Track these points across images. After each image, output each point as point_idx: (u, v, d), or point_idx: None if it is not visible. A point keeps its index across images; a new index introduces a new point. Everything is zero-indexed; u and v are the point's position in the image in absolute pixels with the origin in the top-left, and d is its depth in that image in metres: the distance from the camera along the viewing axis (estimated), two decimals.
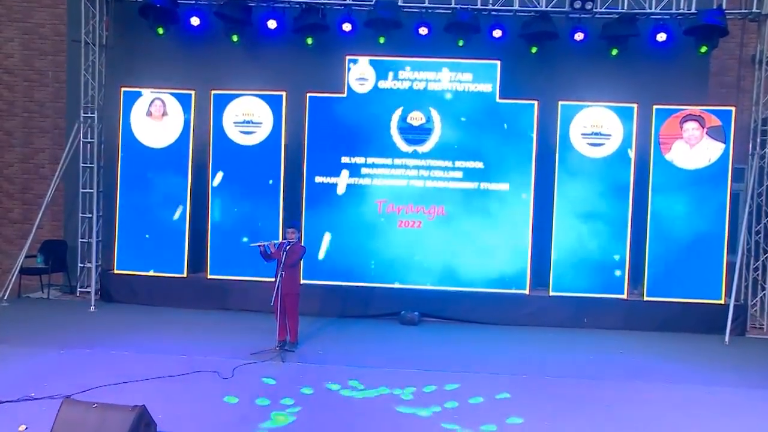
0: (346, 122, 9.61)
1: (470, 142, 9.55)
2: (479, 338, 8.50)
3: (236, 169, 9.75)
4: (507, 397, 6.19)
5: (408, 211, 9.53)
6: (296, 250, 7.58)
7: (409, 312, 9.20)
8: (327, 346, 7.82)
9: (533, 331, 8.96)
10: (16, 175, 11.59)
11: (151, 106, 9.88)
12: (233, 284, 9.61)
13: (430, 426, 5.49)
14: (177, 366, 6.61)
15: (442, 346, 8.06)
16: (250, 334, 7.97)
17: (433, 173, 9.56)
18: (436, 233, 9.52)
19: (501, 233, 9.48)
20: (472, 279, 9.48)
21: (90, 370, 6.41)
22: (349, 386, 6.35)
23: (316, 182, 9.62)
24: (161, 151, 9.88)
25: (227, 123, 9.76)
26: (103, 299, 9.83)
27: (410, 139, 9.57)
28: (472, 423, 5.53)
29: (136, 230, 9.86)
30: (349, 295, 9.46)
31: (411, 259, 9.50)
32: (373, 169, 9.60)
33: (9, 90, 11.45)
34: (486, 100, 9.57)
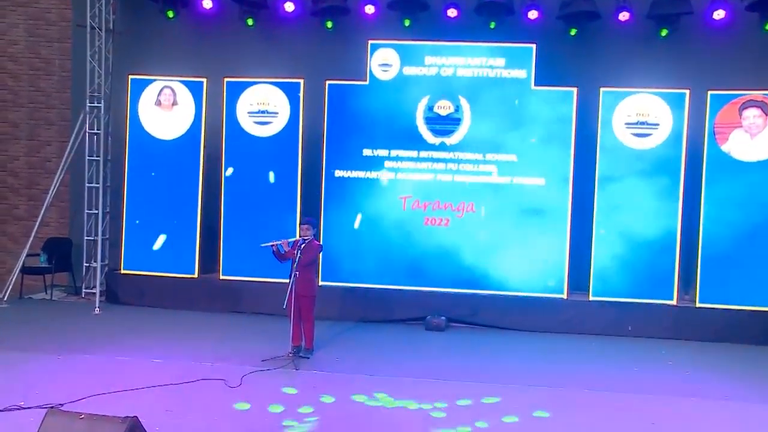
0: (369, 112, 9.43)
1: (503, 133, 9.27)
2: (511, 346, 8.26)
3: (250, 162, 9.59)
4: (545, 415, 5.83)
5: (435, 208, 9.29)
6: (312, 249, 7.32)
7: (436, 317, 8.97)
8: (345, 353, 7.60)
9: (571, 340, 8.66)
10: (21, 170, 11.50)
11: (160, 95, 9.75)
12: (247, 286, 9.47)
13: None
14: (181, 373, 6.42)
15: (470, 355, 7.81)
16: (263, 339, 7.80)
17: (462, 167, 9.32)
18: (466, 232, 9.27)
19: (536, 232, 9.20)
20: (504, 282, 9.22)
21: (87, 377, 6.26)
22: (374, 397, 6.08)
23: (336, 176, 9.44)
24: (171, 142, 9.76)
25: (241, 113, 9.61)
26: (109, 301, 9.75)
27: (437, 130, 9.33)
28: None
29: (144, 227, 9.73)
30: (371, 298, 9.26)
31: (438, 260, 9.27)
32: (397, 162, 9.38)
33: (14, 79, 11.37)
34: (520, 87, 9.27)
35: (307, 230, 7.32)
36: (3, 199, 11.51)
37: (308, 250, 7.25)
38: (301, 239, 7.29)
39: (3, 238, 11.49)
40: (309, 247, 7.27)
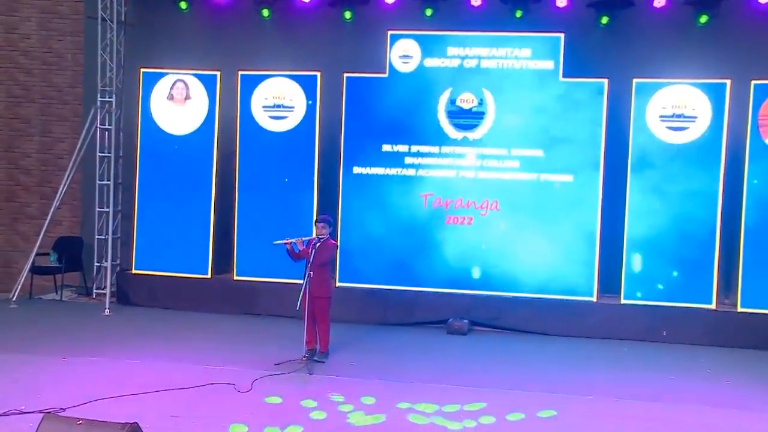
0: (388, 105, 9.31)
1: (529, 127, 9.08)
2: (536, 351, 8.08)
3: (266, 158, 9.51)
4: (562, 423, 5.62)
5: (457, 206, 9.14)
6: (327, 248, 7.22)
7: (458, 320, 8.82)
8: (362, 357, 7.49)
9: (601, 345, 8.46)
10: (33, 167, 11.49)
11: (172, 88, 9.71)
12: (262, 286, 9.39)
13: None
14: (190, 377, 6.36)
15: (492, 360, 7.66)
16: (277, 342, 7.71)
17: (486, 163, 9.15)
18: (490, 231, 9.10)
19: (564, 231, 8.99)
20: (531, 283, 9.02)
21: (92, 381, 6.21)
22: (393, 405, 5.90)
23: (354, 173, 9.34)
24: (184, 138, 9.71)
25: (256, 107, 9.54)
26: (120, 302, 9.73)
27: (460, 125, 9.17)
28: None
29: (156, 226, 9.68)
30: (390, 300, 9.15)
31: (460, 260, 9.10)
32: (418, 158, 9.25)
33: (26, 74, 11.36)
34: (548, 78, 9.07)
35: (323, 228, 7.22)
36: (15, 198, 11.51)
37: (323, 249, 7.16)
38: (316, 238, 7.20)
39: (15, 237, 11.49)
40: (324, 246, 7.18)
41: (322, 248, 7.14)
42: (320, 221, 7.30)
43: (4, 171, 11.48)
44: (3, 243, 11.48)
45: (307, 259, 7.08)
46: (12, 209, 11.52)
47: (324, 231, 7.20)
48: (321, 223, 7.25)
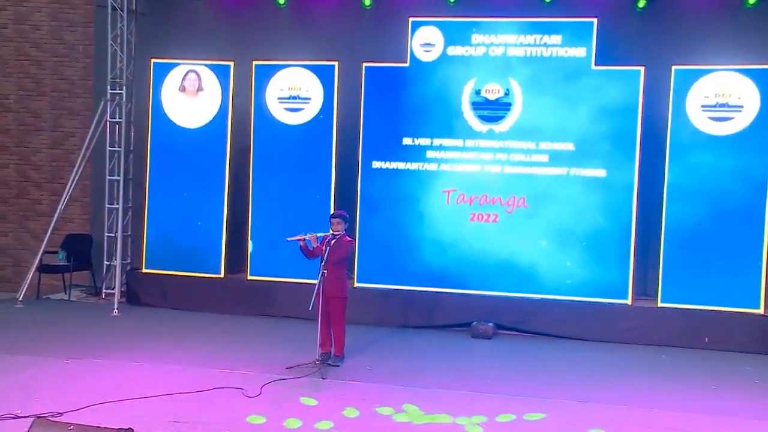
0: (409, 97, 9.24)
1: (558, 118, 8.90)
2: (568, 357, 7.89)
3: (281, 152, 9.45)
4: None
5: (482, 203, 9.02)
6: (342, 245, 7.07)
7: (482, 323, 8.69)
8: (379, 361, 7.35)
9: (636, 351, 8.24)
10: (44, 163, 11.50)
11: (184, 80, 9.69)
12: (277, 287, 9.34)
13: None
14: (198, 380, 6.26)
15: (519, 366, 7.49)
16: (291, 344, 7.61)
17: (512, 157, 9.01)
18: (516, 229, 8.96)
19: (596, 230, 8.80)
20: (560, 285, 8.86)
21: (93, 384, 6.12)
22: (402, 410, 5.74)
23: (374, 168, 9.26)
24: (196, 131, 9.68)
25: (270, 99, 9.49)
26: (130, 302, 9.73)
27: (485, 116, 9.04)
28: None
29: (167, 223, 9.66)
30: (411, 302, 9.06)
31: (485, 260, 8.97)
32: (441, 152, 9.14)
33: (37, 66, 11.37)
34: (579, 67, 8.88)
35: (339, 224, 7.09)
36: (25, 194, 11.54)
37: (339, 246, 7.03)
38: (331, 234, 7.08)
39: (25, 234, 11.50)
40: (340, 243, 7.05)
41: (338, 245, 7.01)
42: (335, 217, 7.18)
43: (15, 167, 11.52)
44: (13, 241, 11.50)
45: (321, 257, 6.96)
46: (22, 206, 11.54)
47: (339, 227, 7.07)
48: (336, 219, 7.13)
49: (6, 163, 11.52)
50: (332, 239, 7.02)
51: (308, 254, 7.06)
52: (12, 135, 11.48)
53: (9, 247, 11.48)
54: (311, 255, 7.06)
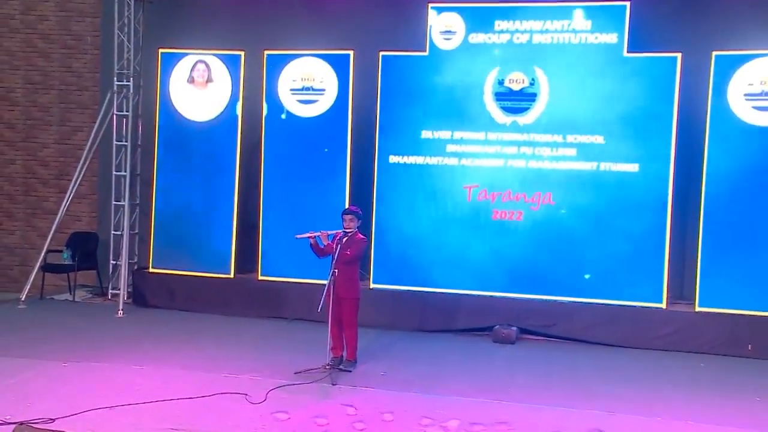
0: (428, 87, 9.10)
1: (588, 110, 8.73)
2: (597, 365, 7.72)
3: (293, 146, 9.42)
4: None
5: (505, 199, 8.89)
6: (355, 243, 6.99)
7: (505, 327, 8.57)
8: (394, 366, 7.24)
9: (672, 359, 8.03)
10: (52, 158, 11.54)
11: (193, 70, 9.66)
12: (290, 288, 9.27)
13: None
14: (200, 385, 6.21)
15: (545, 373, 7.32)
16: (304, 349, 7.51)
17: (538, 151, 8.86)
18: (542, 227, 8.81)
19: (628, 228, 8.60)
20: (588, 287, 8.68)
21: (90, 388, 6.10)
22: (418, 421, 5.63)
23: (391, 162, 9.18)
24: (205, 125, 9.67)
25: (283, 90, 9.44)
26: (136, 303, 9.71)
27: (509, 108, 8.92)
28: None
29: (175, 221, 9.66)
30: (429, 304, 8.94)
31: (509, 260, 8.85)
32: (462, 146, 9.02)
33: (44, 58, 11.40)
34: (610, 54, 8.69)
35: (351, 221, 7.02)
36: (32, 191, 11.59)
37: (351, 244, 6.96)
38: (342, 232, 7.00)
39: (32, 233, 11.54)
40: (352, 240, 6.99)
41: (349, 243, 6.94)
42: (347, 213, 7.09)
43: (22, 162, 11.57)
44: (19, 240, 11.55)
45: (332, 256, 6.89)
46: (29, 203, 11.60)
47: (352, 224, 7.00)
48: (348, 215, 7.05)
49: (13, 159, 11.58)
50: (344, 237, 6.96)
51: (319, 252, 7.02)
52: (19, 130, 11.53)
53: (16, 246, 11.52)
54: (322, 253, 7.01)
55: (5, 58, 11.47)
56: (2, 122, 11.55)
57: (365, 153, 9.19)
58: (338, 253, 6.82)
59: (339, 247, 6.85)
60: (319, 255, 7.02)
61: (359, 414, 5.70)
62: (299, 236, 7.03)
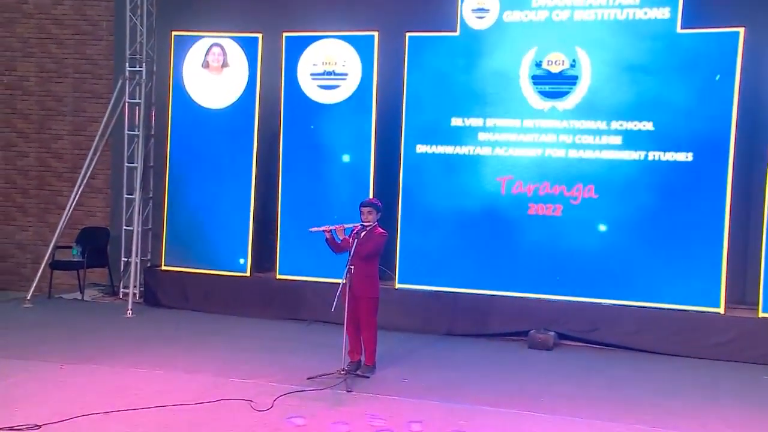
0: (459, 70, 9.00)
1: (635, 93, 8.55)
2: (644, 375, 7.47)
3: (314, 134, 9.39)
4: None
5: (543, 192, 8.77)
6: (374, 237, 6.86)
7: (542, 332, 8.45)
8: (418, 373, 7.11)
9: (729, 369, 7.77)
10: (66, 150, 11.60)
11: (208, 54, 9.71)
12: (309, 287, 9.23)
13: None
14: (204, 390, 6.16)
15: (585, 383, 7.09)
16: (321, 352, 7.44)
17: (579, 139, 8.72)
18: (583, 223, 8.66)
19: (680, 224, 8.38)
20: (636, 289, 8.49)
21: (86, 392, 6.05)
22: None
23: (418, 152, 9.14)
24: (220, 113, 9.68)
25: (303, 75, 9.46)
26: (148, 303, 9.80)
27: (547, 92, 8.78)
28: None
29: (189, 216, 9.70)
30: (459, 306, 8.90)
31: (546, 259, 8.71)
32: (495, 134, 8.93)
33: (58, 45, 11.47)
34: (661, 31, 8.48)
35: (370, 214, 6.92)
36: (46, 185, 11.66)
37: (369, 239, 6.84)
38: (360, 225, 6.90)
39: (45, 229, 11.58)
40: (370, 235, 6.87)
41: (368, 238, 6.83)
42: (366, 205, 6.96)
43: (35, 155, 11.65)
44: (33, 236, 11.61)
45: (349, 251, 6.77)
46: (42, 198, 11.67)
47: (371, 217, 6.89)
48: (367, 207, 6.93)
49: (26, 152, 11.67)
50: (362, 231, 6.84)
51: (335, 248, 6.93)
52: (32, 120, 11.62)
53: (29, 242, 11.59)
54: (338, 249, 6.92)
55: (18, 45, 11.56)
56: (15, 113, 11.64)
57: (390, 142, 9.13)
58: (355, 248, 6.70)
59: (356, 241, 6.73)
60: (335, 251, 6.93)
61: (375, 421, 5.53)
62: (313, 230, 6.96)
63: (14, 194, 11.68)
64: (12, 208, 11.69)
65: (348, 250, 6.80)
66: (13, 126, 11.62)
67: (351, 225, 6.92)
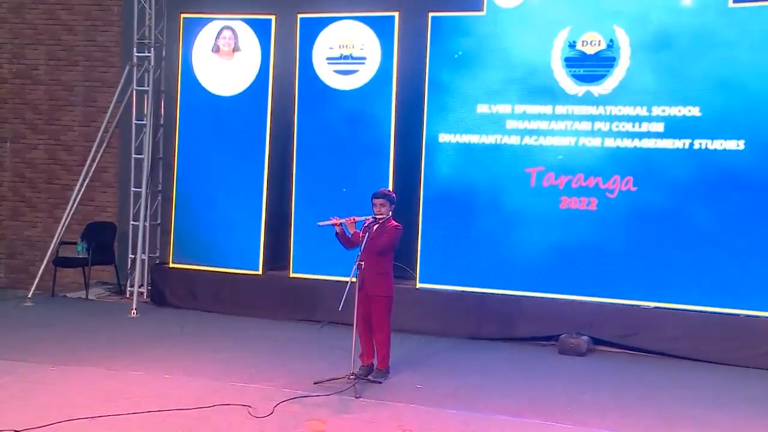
0: (486, 53, 8.85)
1: (680, 75, 8.32)
2: (688, 384, 7.28)
3: (331, 123, 9.33)
4: None
5: (576, 185, 8.61)
6: (387, 231, 6.71)
7: (574, 336, 8.29)
8: (435, 378, 6.96)
9: None
10: (75, 142, 11.64)
11: (218, 38, 9.68)
12: (326, 286, 9.07)
13: None
14: (203, 394, 6.09)
15: (621, 392, 6.89)
16: (334, 356, 7.34)
17: (616, 126, 8.53)
18: (620, 218, 8.48)
19: (729, 219, 8.17)
20: (679, 290, 8.27)
21: (74, 395, 5.98)
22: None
23: (441, 142, 9.02)
24: (231, 100, 9.63)
25: (318, 59, 9.39)
26: (155, 302, 9.80)
27: (582, 76, 8.61)
28: None
29: (198, 210, 9.68)
30: (485, 308, 8.76)
31: (579, 257, 8.55)
32: (524, 122, 8.78)
33: (68, 31, 11.51)
34: (710, 5, 8.27)
35: (383, 206, 6.77)
36: (55, 179, 11.71)
37: (382, 233, 6.69)
38: (372, 218, 6.74)
39: (54, 225, 11.51)
40: (383, 228, 6.71)
41: (380, 232, 6.67)
42: (378, 196, 6.79)
43: (44, 147, 11.71)
44: (42, 233, 11.64)
45: (360, 245, 6.65)
46: (52, 193, 11.72)
47: (384, 209, 6.73)
48: (379, 199, 6.76)
49: (35, 144, 11.73)
50: (374, 224, 6.70)
51: (346, 243, 6.80)
52: (41, 111, 11.67)
53: (38, 239, 11.61)
54: (350, 244, 6.80)
55: (28, 32, 11.63)
56: (24, 103, 11.71)
57: (412, 131, 9.02)
58: (365, 242, 6.56)
59: (367, 235, 6.59)
60: (346, 246, 6.79)
61: None
62: (322, 223, 6.80)
63: (23, 189, 11.76)
64: (21, 204, 11.77)
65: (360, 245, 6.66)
66: (22, 117, 11.68)
67: (363, 218, 6.76)
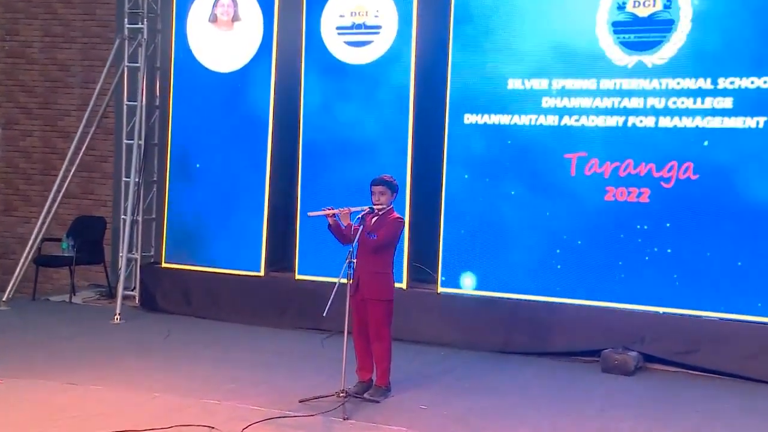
0: (518, 19, 8.60)
1: (752, 42, 7.87)
2: (752, 406, 6.96)
3: (341, 103, 9.16)
4: None
5: (624, 172, 8.25)
6: (387, 224, 6.50)
7: (620, 351, 7.98)
8: (446, 398, 6.70)
9: None
10: (73, 129, 11.57)
11: (216, 6, 9.63)
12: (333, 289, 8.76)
13: None
14: (166, 413, 5.94)
15: (670, 416, 6.61)
16: (328, 369, 7.07)
17: (674, 102, 8.12)
18: (677, 212, 8.13)
19: None
20: (751, 300, 7.89)
21: (13, 412, 5.88)
22: None
23: (466, 123, 8.74)
24: (230, 76, 9.56)
25: (327, 29, 9.22)
26: (145, 306, 9.76)
27: (632, 43, 8.21)
28: None
29: (193, 204, 9.64)
30: (517, 317, 8.52)
31: (629, 258, 8.24)
32: (564, 99, 8.45)
33: (65, 5, 11.60)
34: None
35: (383, 194, 6.57)
36: (51, 169, 11.68)
37: (381, 225, 6.48)
38: (369, 209, 6.49)
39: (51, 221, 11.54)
40: (383, 221, 6.51)
41: (379, 224, 6.48)
42: (377, 183, 6.55)
43: (40, 134, 11.76)
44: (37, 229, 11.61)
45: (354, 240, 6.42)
46: (47, 185, 11.63)
47: (384, 198, 6.52)
48: (379, 187, 6.53)
49: (29, 130, 11.80)
50: (372, 216, 6.47)
51: (340, 237, 6.63)
52: (36, 94, 11.74)
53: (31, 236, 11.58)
54: (345, 239, 6.60)
55: (21, 5, 11.71)
56: (18, 84, 11.78)
57: (433, 110, 8.83)
58: (360, 236, 6.27)
59: (362, 228, 6.30)
60: (341, 241, 6.59)
61: None
62: (312, 214, 6.64)
63: (16, 180, 11.83)
64: (13, 197, 11.83)
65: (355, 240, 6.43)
66: (15, 100, 11.74)
67: (359, 209, 6.49)
